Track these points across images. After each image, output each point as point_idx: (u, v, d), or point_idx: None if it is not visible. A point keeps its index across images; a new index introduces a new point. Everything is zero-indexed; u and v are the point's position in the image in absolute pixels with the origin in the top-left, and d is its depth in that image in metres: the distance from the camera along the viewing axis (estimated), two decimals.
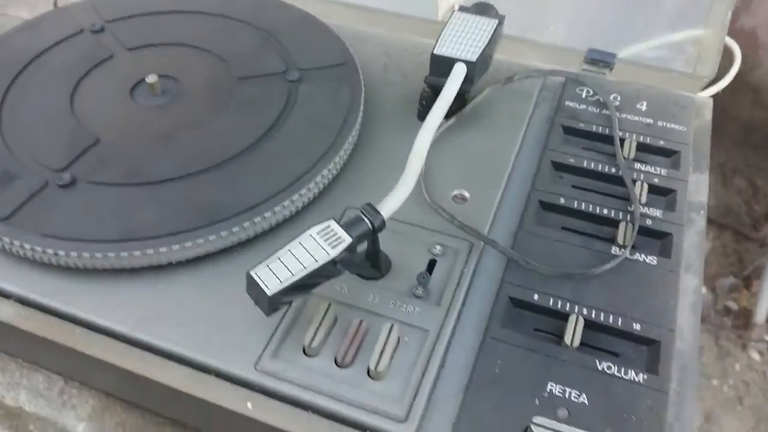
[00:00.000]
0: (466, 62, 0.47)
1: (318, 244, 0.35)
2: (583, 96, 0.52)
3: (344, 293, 0.39)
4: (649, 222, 0.43)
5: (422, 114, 0.50)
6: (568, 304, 0.39)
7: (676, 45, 0.61)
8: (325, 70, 0.51)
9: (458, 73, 0.46)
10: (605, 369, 0.36)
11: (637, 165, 0.47)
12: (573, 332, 0.37)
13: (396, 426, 0.34)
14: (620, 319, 0.38)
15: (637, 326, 0.38)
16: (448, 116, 0.50)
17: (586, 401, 0.34)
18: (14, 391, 0.45)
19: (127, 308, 0.39)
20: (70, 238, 0.40)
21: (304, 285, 0.35)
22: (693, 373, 0.37)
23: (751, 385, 1.34)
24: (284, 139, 0.46)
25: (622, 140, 0.48)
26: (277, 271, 0.34)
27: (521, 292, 0.39)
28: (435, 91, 0.48)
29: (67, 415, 0.43)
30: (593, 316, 0.38)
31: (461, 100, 0.50)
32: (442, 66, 0.47)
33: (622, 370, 0.36)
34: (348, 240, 0.35)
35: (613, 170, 0.46)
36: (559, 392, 0.35)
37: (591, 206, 0.44)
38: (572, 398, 0.35)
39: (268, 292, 0.33)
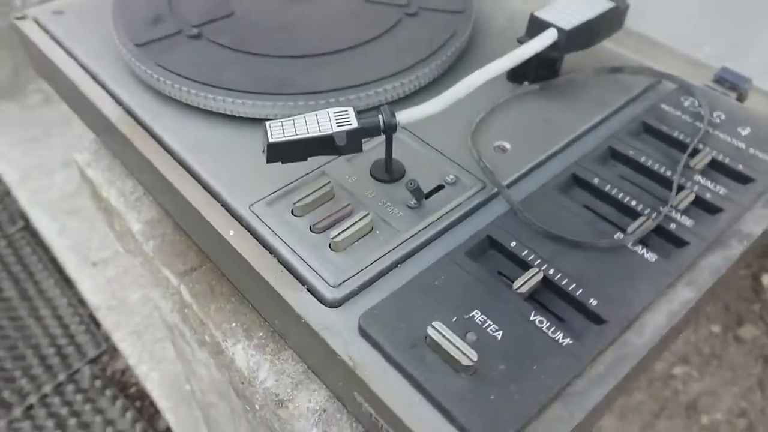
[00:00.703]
0: (559, 29, 0.47)
1: (329, 120, 0.40)
2: (685, 105, 0.50)
3: (350, 181, 0.44)
4: (672, 226, 0.41)
5: (511, 74, 0.52)
6: (538, 260, 0.39)
7: None
8: (440, 13, 0.55)
9: (546, 36, 0.47)
10: (536, 322, 0.36)
11: (698, 177, 0.44)
12: (525, 281, 0.37)
13: (325, 289, 0.38)
14: (580, 290, 0.37)
15: (593, 301, 0.37)
16: (536, 80, 0.51)
17: (499, 337, 0.35)
18: (108, 190, 0.57)
19: (189, 137, 0.47)
20: (176, 73, 0.49)
21: (303, 148, 0.40)
22: (627, 368, 0.35)
23: None
24: (372, 50, 0.51)
25: (696, 151, 0.46)
26: (286, 128, 0.40)
27: (502, 235, 0.40)
28: None
29: (132, 216, 0.54)
30: (555, 277, 0.38)
31: (552, 69, 0.51)
32: (537, 28, 0.48)
33: (553, 329, 0.35)
34: (353, 125, 0.40)
35: (669, 173, 0.44)
36: (480, 320, 0.36)
37: (622, 194, 0.43)
38: (488, 330, 0.35)
39: (269, 140, 0.39)
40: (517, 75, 0.51)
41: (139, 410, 1.39)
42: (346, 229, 0.40)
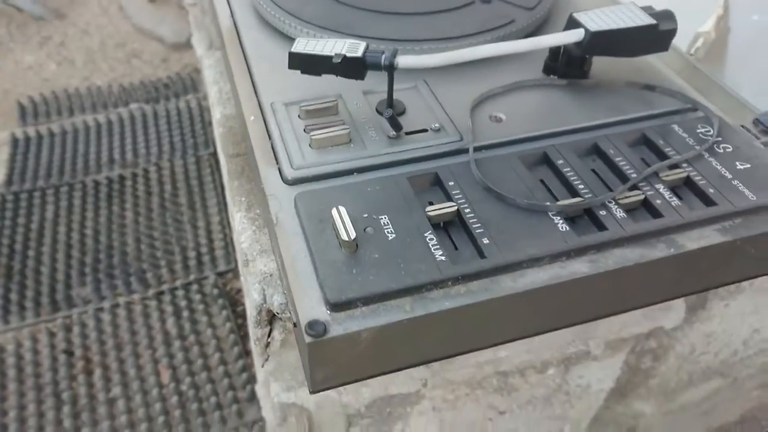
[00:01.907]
0: (586, 30, 0.51)
1: (343, 47, 0.49)
2: (698, 131, 0.51)
3: (356, 106, 0.52)
4: (602, 212, 0.43)
5: (546, 66, 0.56)
6: (462, 200, 0.44)
7: None
8: (511, 6, 0.61)
9: (572, 33, 0.51)
10: (427, 238, 0.41)
11: (660, 185, 0.46)
12: (438, 208, 0.43)
13: (288, 169, 0.47)
14: (481, 229, 0.42)
15: (485, 240, 0.41)
16: (564, 76, 0.55)
17: (390, 238, 0.41)
18: (212, 87, 0.71)
19: (264, 49, 0.59)
20: (277, 4, 0.61)
21: (314, 63, 0.49)
22: (483, 297, 0.39)
23: None
24: (431, 19, 0.59)
25: (675, 165, 0.47)
26: (309, 44, 0.49)
27: (446, 176, 0.46)
28: (557, 48, 0.54)
29: (218, 109, 0.67)
30: (467, 214, 0.43)
31: (580, 69, 0.55)
32: (572, 27, 0.53)
33: (436, 246, 0.41)
34: (357, 54, 0.48)
35: (634, 175, 0.46)
36: (383, 223, 0.42)
37: (577, 179, 0.46)
38: (386, 231, 0.42)
39: (291, 50, 0.49)
40: (549, 68, 0.56)
41: (239, 327, 1.58)
42: (325, 133, 0.48)
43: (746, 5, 0.66)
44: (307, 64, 0.49)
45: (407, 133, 0.50)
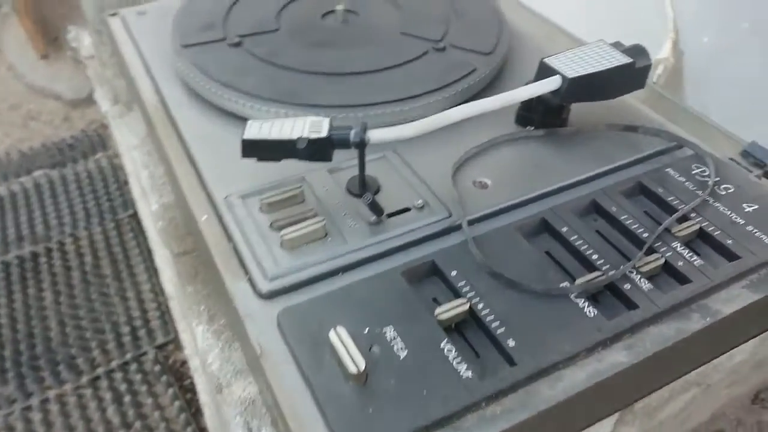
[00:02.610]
0: (563, 76, 0.47)
1: (304, 127, 0.42)
2: (693, 172, 0.47)
3: (324, 190, 0.46)
4: (626, 286, 0.39)
5: (519, 118, 0.52)
6: (471, 293, 0.38)
7: None
8: (468, 52, 0.57)
9: (548, 82, 0.47)
10: (445, 350, 0.35)
11: (677, 244, 0.42)
12: (448, 309, 0.37)
13: (261, 280, 0.40)
14: (502, 328, 0.36)
15: (511, 342, 0.36)
16: (542, 126, 0.51)
17: (402, 356, 0.35)
18: (142, 173, 0.62)
19: (201, 128, 0.52)
20: (204, 73, 0.54)
21: (273, 149, 0.42)
22: (524, 416, 0.34)
23: None
24: (387, 76, 0.53)
25: (685, 218, 0.43)
26: (263, 128, 0.43)
27: (446, 263, 0.40)
28: (531, 98, 0.49)
29: (153, 197, 0.59)
30: (482, 312, 0.37)
31: (558, 117, 0.51)
32: (545, 74, 0.48)
33: (458, 360, 0.35)
34: (322, 134, 0.42)
35: (645, 234, 0.42)
36: (390, 337, 0.36)
37: (586, 247, 0.41)
38: (395, 347, 0.35)
39: (243, 137, 0.42)
40: (523, 119, 0.51)
41: (189, 403, 1.45)
42: (297, 230, 0.41)
43: (694, 27, 0.64)
44: (263, 151, 0.42)
45: (389, 216, 0.44)
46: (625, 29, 0.62)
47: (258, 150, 0.42)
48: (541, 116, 0.50)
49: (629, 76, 0.49)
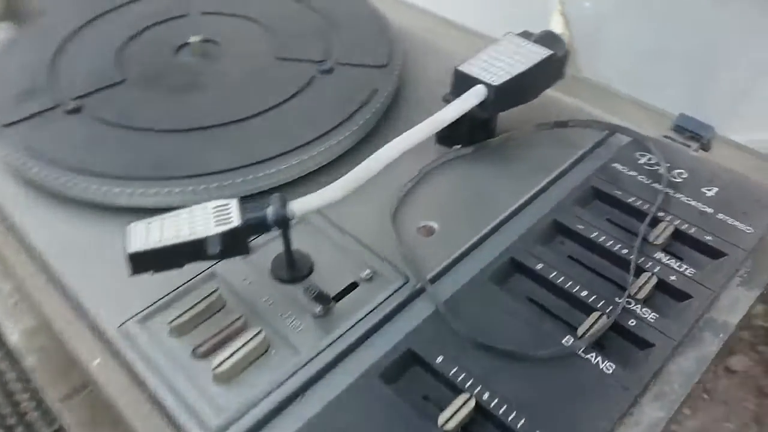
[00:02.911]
0: (488, 85, 0.41)
1: (207, 218, 0.33)
2: (641, 162, 0.43)
3: (246, 284, 0.36)
4: (632, 322, 0.34)
5: (441, 138, 0.45)
6: (470, 380, 0.31)
7: None
8: (361, 68, 0.48)
9: (472, 94, 0.40)
10: None
11: (660, 254, 0.37)
12: (453, 413, 0.30)
13: None
14: (522, 421, 0.30)
15: None
16: (466, 144, 0.44)
17: None
18: None
19: (58, 234, 0.40)
20: (44, 156, 0.42)
21: (174, 256, 0.32)
22: None
23: None
24: (275, 121, 0.44)
25: (656, 221, 0.39)
26: (152, 231, 0.32)
27: (426, 348, 0.33)
28: None
29: (8, 324, 0.46)
30: (491, 405, 0.30)
31: (485, 130, 0.44)
32: (463, 84, 0.42)
33: None
34: (235, 223, 0.32)
35: (624, 251, 0.37)
36: None
37: (571, 283, 0.36)
38: None
39: (128, 250, 0.31)
40: (447, 138, 0.44)
41: None
42: (232, 355, 0.32)
43: None
44: (159, 261, 0.32)
45: (336, 299, 0.35)
46: (511, 9, 0.57)
47: (152, 262, 0.32)
48: (467, 132, 0.44)
49: (550, 68, 0.44)
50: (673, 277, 0.36)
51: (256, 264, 0.37)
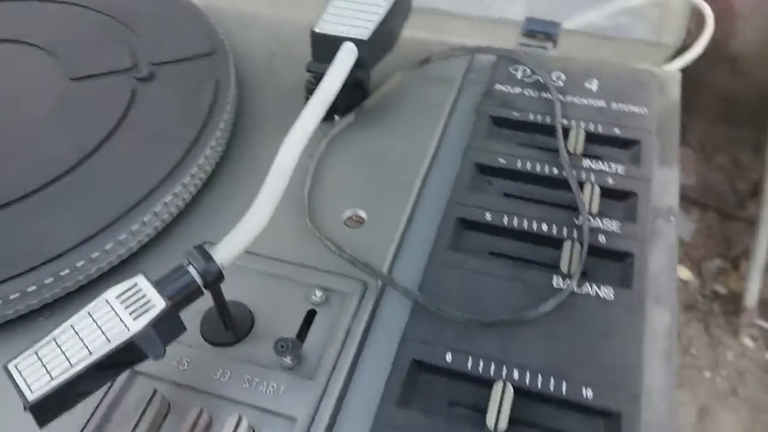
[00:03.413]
0: (356, 41, 0.36)
1: (116, 315, 0.24)
2: (519, 77, 0.42)
3: (182, 369, 0.28)
4: (602, 239, 0.32)
5: None
6: (492, 366, 0.28)
7: (635, 10, 0.51)
8: (185, 63, 0.40)
9: (345, 56, 0.35)
10: None
11: (587, 162, 0.36)
12: (498, 410, 0.26)
13: None
14: (564, 385, 0.27)
15: (587, 393, 0.27)
16: (345, 111, 0.39)
17: None
18: None
19: None
20: None
21: (96, 377, 0.24)
22: None
23: (746, 374, 1.24)
24: (113, 161, 0.34)
25: (566, 131, 0.38)
26: (50, 361, 0.23)
27: (430, 352, 0.28)
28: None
29: None
30: (527, 381, 0.27)
31: (360, 91, 0.39)
32: (326, 48, 0.36)
33: None
34: (161, 305, 0.24)
35: (555, 171, 0.36)
36: None
37: (527, 222, 0.33)
38: None
39: (29, 398, 0.22)
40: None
41: None
42: None
43: None
44: (78, 390, 0.23)
45: (301, 339, 0.29)
46: None
47: (66, 397, 0.23)
48: (344, 98, 0.38)
49: (402, 5, 0.40)
50: (610, 180, 0.35)
51: (179, 339, 0.29)
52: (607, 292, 0.30)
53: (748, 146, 1.56)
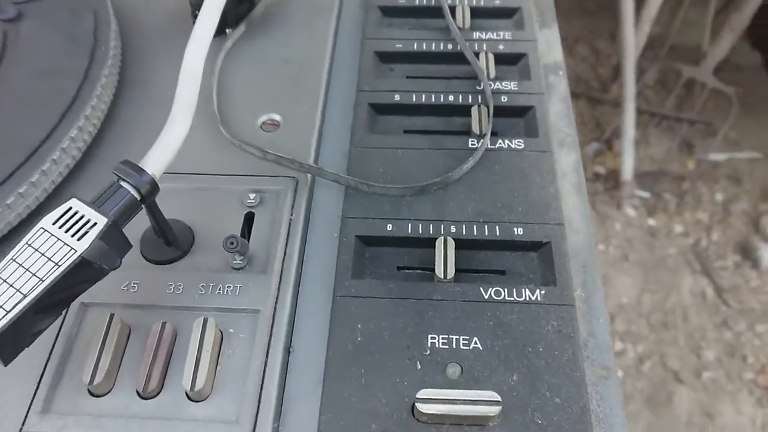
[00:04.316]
0: None
1: (57, 240, 0.24)
2: None
3: (132, 291, 0.28)
4: (504, 99, 0.35)
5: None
6: (431, 227, 0.30)
7: None
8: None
9: None
10: (493, 296, 0.28)
11: (477, 34, 0.38)
12: (444, 260, 0.28)
13: None
14: (497, 227, 0.30)
15: (518, 231, 0.30)
16: (235, 23, 0.39)
17: (479, 345, 0.26)
18: None
19: None
20: None
21: (52, 304, 0.23)
22: (593, 270, 0.29)
23: (633, 240, 1.37)
24: (5, 103, 0.32)
25: (452, 9, 0.39)
26: (0, 296, 0.22)
27: (370, 226, 0.30)
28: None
29: None
30: (464, 232, 0.29)
31: (246, 1, 0.39)
32: None
33: (514, 291, 0.28)
34: (103, 221, 0.24)
35: (450, 46, 0.37)
36: (443, 344, 0.26)
37: (433, 96, 0.35)
38: (462, 347, 0.26)
39: None
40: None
41: None
42: (197, 364, 0.25)
43: None
44: (31, 325, 0.23)
45: (246, 239, 0.30)
46: None
47: (25, 330, 0.23)
48: (233, 10, 0.38)
49: None
50: (501, 46, 0.37)
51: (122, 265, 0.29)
52: (518, 143, 0.33)
53: (605, 34, 1.67)
